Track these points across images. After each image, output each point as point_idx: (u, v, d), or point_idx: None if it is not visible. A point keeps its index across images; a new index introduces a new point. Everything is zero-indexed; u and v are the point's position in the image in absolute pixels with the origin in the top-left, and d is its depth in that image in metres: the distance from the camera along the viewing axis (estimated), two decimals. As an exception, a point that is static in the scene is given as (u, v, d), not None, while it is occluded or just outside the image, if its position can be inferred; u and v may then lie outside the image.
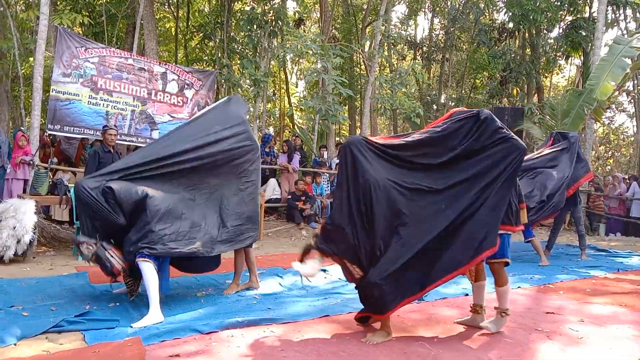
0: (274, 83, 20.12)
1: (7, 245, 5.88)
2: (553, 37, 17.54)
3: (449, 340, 3.66)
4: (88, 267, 5.45)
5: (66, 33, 8.40)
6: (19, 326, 3.54)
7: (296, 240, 9.00)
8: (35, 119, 7.73)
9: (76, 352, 3.20)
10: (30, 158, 7.66)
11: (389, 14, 14.72)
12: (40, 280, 5.14)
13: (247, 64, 11.68)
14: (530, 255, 8.10)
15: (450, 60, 18.81)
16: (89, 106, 8.48)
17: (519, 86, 17.55)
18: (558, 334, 3.89)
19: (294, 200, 10.15)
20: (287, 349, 3.38)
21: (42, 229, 7.03)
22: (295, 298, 4.76)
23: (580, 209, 8.14)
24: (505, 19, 17.44)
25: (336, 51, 11.77)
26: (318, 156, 12.34)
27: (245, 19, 12.14)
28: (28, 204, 6.29)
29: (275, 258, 6.96)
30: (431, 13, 19.75)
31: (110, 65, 8.76)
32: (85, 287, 4.89)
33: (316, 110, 11.39)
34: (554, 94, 21.36)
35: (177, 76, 9.76)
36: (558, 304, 4.86)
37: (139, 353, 3.14)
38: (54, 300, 4.34)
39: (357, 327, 3.90)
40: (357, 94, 17.99)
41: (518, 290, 5.47)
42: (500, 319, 3.91)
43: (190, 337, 3.51)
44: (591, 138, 13.57)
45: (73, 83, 8.32)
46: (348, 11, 18.51)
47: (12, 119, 12.42)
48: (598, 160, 24.23)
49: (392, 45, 16.83)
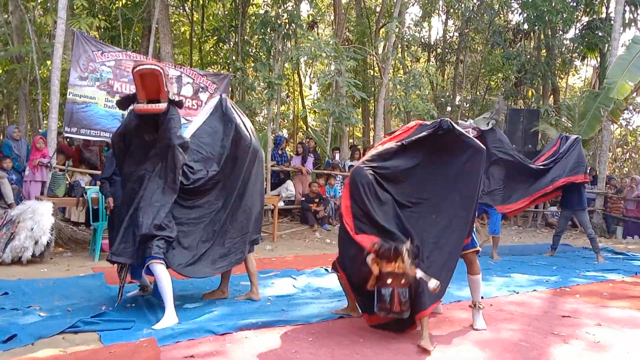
0: (287, 85, 20.15)
1: (25, 246, 5.96)
2: (569, 38, 17.36)
3: (463, 343, 3.63)
4: (104, 268, 5.53)
5: (83, 37, 8.50)
6: (37, 326, 3.59)
7: (310, 242, 9.01)
8: (53, 121, 7.84)
9: (92, 352, 3.24)
10: (48, 160, 7.77)
11: (403, 15, 14.67)
12: (57, 281, 5.20)
13: (260, 67, 11.72)
14: (546, 258, 8.06)
15: (465, 62, 18.69)
16: (105, 109, 8.57)
17: (534, 88, 17.38)
18: (574, 337, 3.85)
19: (307, 202, 10.17)
20: (301, 350, 3.38)
21: (59, 231, 7.12)
22: (308, 300, 4.77)
23: (585, 213, 8.18)
24: (520, 20, 17.31)
25: (350, 53, 11.77)
26: (331, 158, 12.35)
27: (259, 22, 12.19)
28: (45, 205, 6.38)
29: (289, 260, 6.98)
30: (445, 15, 19.65)
31: (126, 69, 8.84)
32: (101, 288, 4.95)
33: (329, 112, 11.40)
34: (570, 95, 21.13)
35: (191, 79, 9.83)
36: (574, 308, 4.80)
37: (154, 354, 3.17)
38: (70, 301, 4.39)
39: (371, 329, 3.89)
40: (371, 96, 17.96)
41: (534, 293, 5.42)
42: (478, 311, 4.03)
43: (204, 338, 3.53)
44: (608, 140, 13.38)
45: (89, 86, 8.41)
46: (361, 13, 18.49)
47: (30, 122, 12.60)
48: (615, 162, 23.90)
49: (406, 47, 16.77)
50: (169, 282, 3.94)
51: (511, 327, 4.06)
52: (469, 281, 4.07)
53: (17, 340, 3.31)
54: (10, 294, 4.55)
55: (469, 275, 4.04)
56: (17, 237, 5.98)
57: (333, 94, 12.19)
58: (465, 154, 3.78)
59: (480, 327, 3.97)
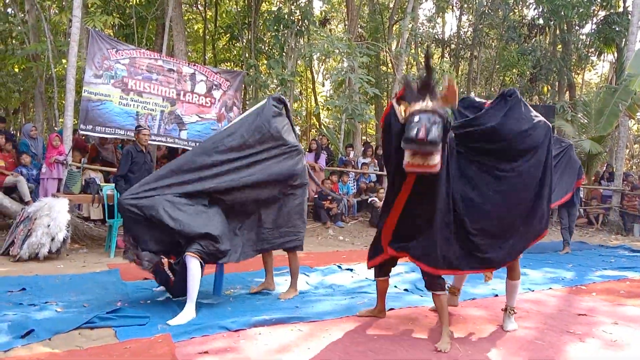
0: (300, 83, 20.17)
1: (42, 242, 6.03)
2: (585, 32, 17.14)
3: (478, 341, 3.61)
4: (119, 264, 5.58)
5: (98, 35, 8.56)
6: (53, 321, 3.64)
7: (322, 239, 9.01)
8: (68, 119, 7.92)
9: (108, 347, 3.27)
10: (64, 158, 7.85)
11: (416, 11, 14.59)
12: (74, 277, 5.26)
13: (273, 64, 11.75)
14: (562, 256, 7.98)
15: (479, 57, 18.55)
16: (120, 107, 8.63)
17: (549, 83, 17.20)
18: (591, 336, 3.81)
19: (320, 199, 10.17)
20: (314, 347, 3.39)
21: (75, 227, 7.19)
22: (321, 297, 4.77)
23: (577, 208, 8.50)
24: (535, 15, 17.13)
25: (363, 50, 11.73)
26: (345, 155, 12.33)
27: (272, 19, 12.20)
28: (61, 202, 6.45)
29: (302, 257, 6.97)
30: (459, 10, 19.50)
31: (140, 67, 8.90)
32: (116, 285, 4.99)
33: (342, 109, 11.38)
34: (586, 91, 20.89)
35: (205, 77, 9.86)
36: (591, 306, 4.75)
37: (169, 349, 3.19)
38: (86, 297, 4.44)
39: (384, 327, 3.89)
40: (384, 93, 17.90)
41: (549, 291, 5.37)
42: (509, 315, 3.94)
43: (218, 334, 3.55)
44: (625, 136, 13.21)
45: (104, 84, 8.48)
46: (374, 10, 18.42)
47: (45, 120, 12.74)
48: (633, 159, 23.61)
49: (420, 43, 16.68)
50: (199, 279, 3.98)
51: (526, 325, 4.03)
52: (507, 285, 3.99)
53: (34, 335, 3.36)
54: (27, 289, 4.62)
55: (509, 280, 3.95)
56: (34, 234, 6.06)
57: (346, 90, 12.15)
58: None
59: (511, 329, 3.90)
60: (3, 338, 3.31)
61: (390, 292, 4.70)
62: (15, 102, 15.80)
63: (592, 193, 13.22)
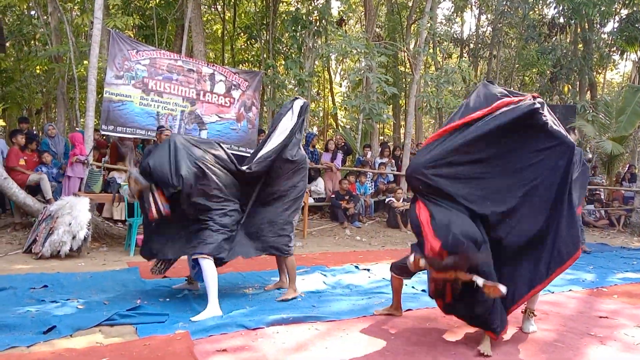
0: (318, 83, 20.18)
1: (63, 240, 6.12)
2: (607, 31, 16.87)
3: (497, 343, 3.57)
4: (139, 262, 5.65)
5: (118, 36, 8.68)
6: (75, 318, 3.71)
7: (339, 239, 9.01)
8: (90, 119, 8.04)
9: (128, 344, 3.31)
10: (85, 157, 7.96)
11: (435, 11, 14.48)
12: (94, 274, 5.34)
13: (291, 64, 11.77)
14: (582, 258, 7.84)
15: (498, 57, 18.36)
16: (141, 107, 8.74)
17: (570, 83, 16.96)
18: (612, 339, 3.75)
19: (337, 199, 10.17)
20: (331, 346, 3.39)
21: (95, 226, 7.29)
22: (338, 297, 4.77)
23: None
24: (555, 13, 16.90)
25: (381, 49, 11.70)
26: (362, 155, 12.31)
27: (290, 19, 12.23)
28: (83, 201, 6.54)
29: (319, 257, 7.00)
30: (478, 9, 19.34)
31: (160, 67, 8.99)
32: (136, 282, 5.05)
33: (360, 109, 11.36)
34: (607, 90, 20.56)
35: (224, 77, 9.93)
36: (612, 308, 4.68)
37: (187, 346, 3.22)
38: (106, 294, 4.50)
39: (402, 327, 3.88)
40: (402, 93, 17.82)
41: (569, 293, 5.31)
42: (529, 319, 3.89)
43: (236, 332, 3.58)
44: (648, 136, 12.99)
45: (125, 85, 8.59)
46: (392, 10, 18.36)
47: (67, 120, 12.92)
48: (656, 160, 23.14)
49: (438, 42, 16.57)
50: (215, 277, 4.05)
51: (546, 327, 3.99)
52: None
53: (56, 332, 3.42)
54: (49, 286, 4.70)
55: None
56: (55, 232, 6.16)
57: (363, 90, 12.13)
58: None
59: (531, 331, 3.86)
60: (26, 334, 3.38)
61: (407, 293, 4.70)
62: (38, 102, 16.11)
63: (613, 194, 13.01)
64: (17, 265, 5.68)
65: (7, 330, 3.41)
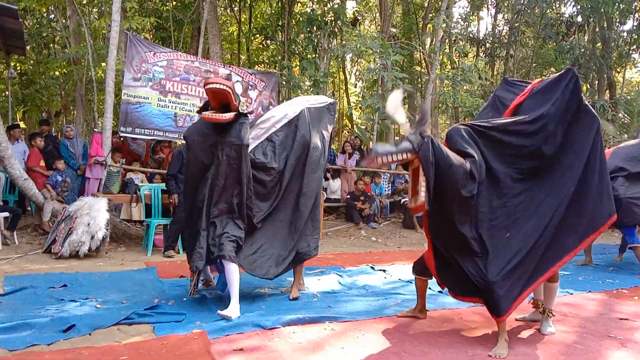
0: (333, 83, 20.16)
1: (82, 241, 6.20)
2: (626, 29, 16.60)
3: (515, 344, 3.54)
4: (157, 262, 5.70)
5: (135, 39, 8.77)
6: (93, 317, 3.75)
7: (355, 239, 9.00)
8: (108, 121, 8.13)
9: (146, 343, 3.35)
10: (103, 158, 8.05)
11: (451, 9, 14.39)
12: (113, 274, 5.40)
13: (307, 65, 11.79)
14: (601, 258, 7.73)
15: (515, 56, 18.17)
16: (158, 108, 8.82)
17: (589, 82, 16.71)
18: (633, 341, 3.69)
19: (352, 200, 10.15)
20: (348, 347, 3.39)
21: (113, 226, 7.37)
22: (354, 297, 4.76)
23: None
24: (573, 12, 16.68)
25: (396, 49, 11.66)
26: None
27: (305, 20, 12.25)
28: (101, 202, 6.62)
29: (335, 257, 6.99)
30: (494, 8, 19.16)
31: (177, 69, 9.07)
32: (154, 282, 5.10)
33: (375, 108, 11.32)
34: (627, 90, 20.23)
35: (241, 78, 9.98)
36: (633, 310, 4.60)
37: (204, 345, 3.24)
38: (125, 294, 4.55)
39: (418, 328, 3.86)
40: (417, 92, 17.73)
41: (588, 294, 5.23)
42: (547, 319, 3.84)
43: (253, 332, 3.59)
44: (669, 135, 12.74)
45: (143, 87, 8.67)
46: (408, 9, 18.28)
47: (86, 122, 13.11)
48: (677, 160, 22.67)
49: (454, 42, 16.47)
50: (237, 280, 4.09)
51: (565, 329, 3.93)
52: (545, 288, 3.87)
53: (75, 330, 3.47)
54: (68, 286, 4.76)
55: (547, 282, 3.82)
56: (74, 232, 6.24)
57: (378, 89, 12.10)
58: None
59: (549, 332, 3.80)
60: (46, 332, 3.43)
61: (424, 294, 4.66)
62: (57, 105, 16.34)
63: (634, 194, 12.78)
64: (37, 265, 5.77)
65: (28, 328, 3.46)
